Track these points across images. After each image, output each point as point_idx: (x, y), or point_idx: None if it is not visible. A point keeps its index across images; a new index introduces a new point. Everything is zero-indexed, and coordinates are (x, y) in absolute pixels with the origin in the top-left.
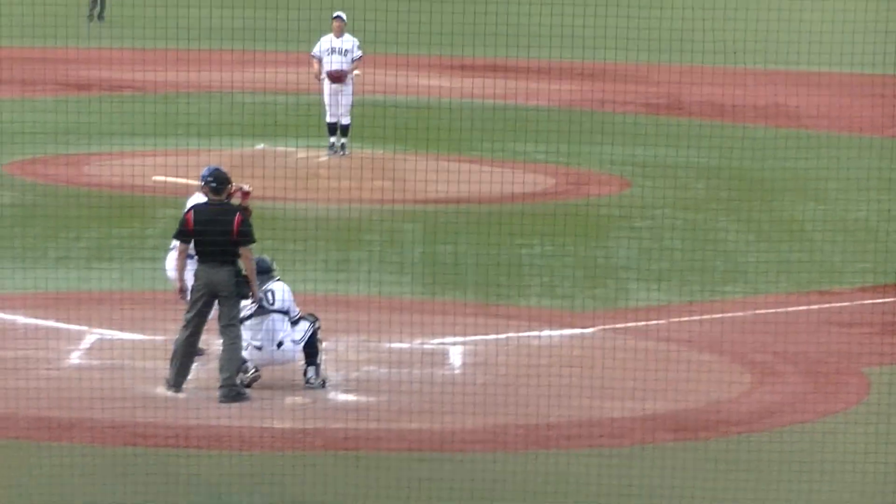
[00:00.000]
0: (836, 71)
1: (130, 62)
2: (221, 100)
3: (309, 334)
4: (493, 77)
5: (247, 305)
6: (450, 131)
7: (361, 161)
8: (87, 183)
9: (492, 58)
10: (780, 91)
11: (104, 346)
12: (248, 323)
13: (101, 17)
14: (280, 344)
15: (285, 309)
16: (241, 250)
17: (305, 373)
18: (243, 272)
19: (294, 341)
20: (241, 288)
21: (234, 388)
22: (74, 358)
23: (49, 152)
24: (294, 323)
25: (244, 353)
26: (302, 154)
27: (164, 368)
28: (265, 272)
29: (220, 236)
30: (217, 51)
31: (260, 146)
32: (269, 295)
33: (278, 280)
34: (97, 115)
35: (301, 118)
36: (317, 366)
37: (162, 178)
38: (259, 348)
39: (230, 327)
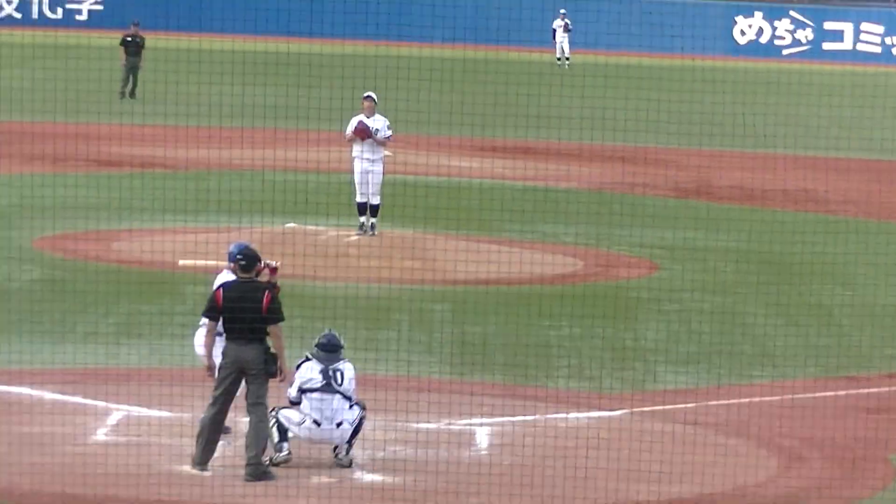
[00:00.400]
0: (865, 157)
1: (162, 139)
2: (252, 178)
3: (359, 420)
4: (524, 159)
5: (314, 379)
6: (479, 212)
7: (391, 241)
8: (117, 259)
9: (522, 139)
10: (809, 176)
11: (131, 422)
12: (313, 396)
13: (133, 94)
14: (339, 424)
15: (349, 395)
16: (271, 328)
17: (336, 447)
18: (272, 349)
19: (349, 422)
20: (270, 366)
21: (260, 467)
22: (101, 434)
23: (79, 228)
24: (350, 405)
25: (298, 428)
26: (332, 233)
27: (191, 446)
28: (335, 350)
29: (250, 314)
30: (248, 129)
31: (290, 224)
32: (339, 375)
33: (348, 361)
34: (128, 191)
35: (331, 197)
36: (350, 445)
37: (190, 262)
38: (318, 423)
39: (258, 405)
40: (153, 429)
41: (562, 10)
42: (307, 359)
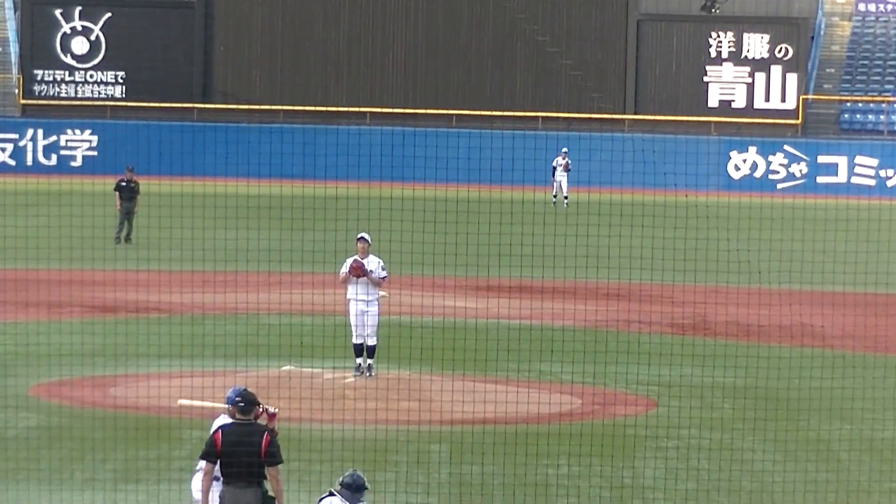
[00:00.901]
0: (861, 291)
1: (157, 284)
2: (247, 321)
3: None
4: (520, 297)
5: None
6: (476, 351)
7: (388, 382)
8: (114, 405)
9: (517, 279)
10: (806, 311)
11: None
12: None
13: (128, 239)
14: None
15: None
16: (269, 470)
17: None
18: (269, 493)
19: None
20: None
21: None
22: None
23: (75, 374)
24: None
25: None
26: (328, 375)
27: None
28: (357, 490)
29: (248, 457)
30: (243, 273)
31: (286, 368)
32: None
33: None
34: (123, 336)
35: (328, 339)
36: None
37: (187, 402)
38: None
39: None
40: None
41: (563, 150)
42: (330, 493)
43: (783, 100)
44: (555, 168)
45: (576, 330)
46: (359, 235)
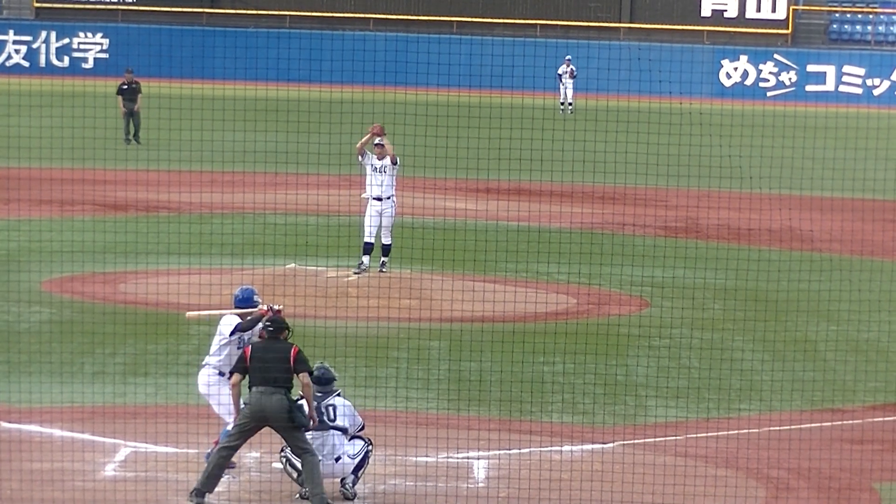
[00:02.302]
0: (848, 196)
1: (166, 184)
2: (254, 220)
3: (362, 454)
4: (517, 200)
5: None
6: (475, 252)
7: (390, 281)
8: (123, 300)
9: (516, 181)
10: (794, 215)
11: (138, 458)
12: (309, 435)
13: (137, 138)
14: (338, 458)
15: (345, 427)
16: (300, 376)
17: (343, 480)
18: (297, 400)
19: (350, 456)
20: (297, 416)
21: (323, 497)
22: (109, 470)
23: (86, 270)
24: (350, 438)
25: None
26: (332, 273)
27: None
28: (327, 383)
29: (277, 363)
30: (249, 173)
31: (291, 265)
32: (331, 410)
33: (339, 395)
34: (133, 234)
35: (332, 239)
36: (356, 477)
37: (195, 314)
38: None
39: (305, 452)
40: (160, 464)
41: (567, 57)
42: (301, 397)
43: (774, 10)
44: (560, 76)
45: (572, 232)
46: (376, 142)
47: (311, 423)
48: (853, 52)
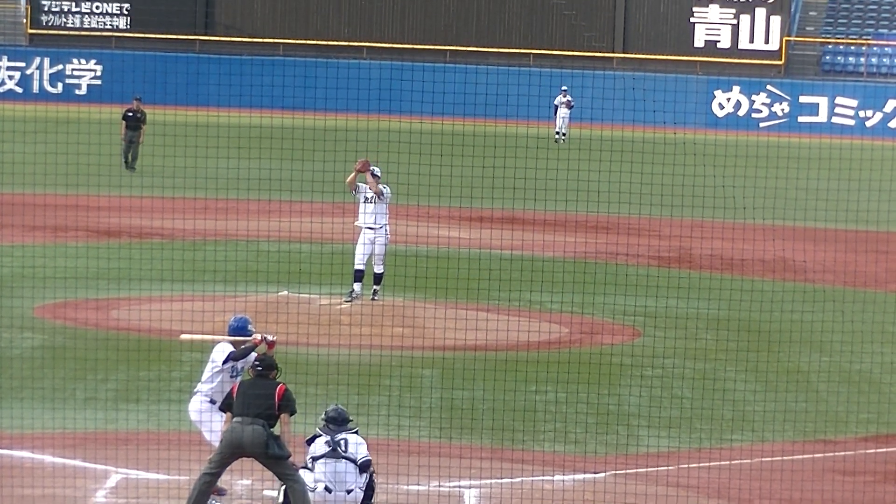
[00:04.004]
0: (841, 227)
1: (159, 210)
2: (247, 247)
3: (369, 479)
4: (510, 229)
5: (319, 450)
6: (467, 280)
7: (382, 308)
8: (115, 326)
9: (508, 210)
10: (787, 246)
11: (129, 485)
12: (320, 462)
13: (132, 167)
14: (349, 491)
15: (355, 459)
16: (282, 417)
17: None
18: (275, 433)
19: (360, 488)
20: (271, 447)
21: None
22: (100, 497)
23: (79, 296)
24: (362, 470)
25: (312, 494)
26: (324, 301)
27: None
28: (343, 423)
29: (262, 399)
30: (243, 200)
31: (283, 293)
32: (343, 443)
33: (354, 432)
34: (126, 260)
35: (324, 266)
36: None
37: (188, 337)
38: (329, 490)
39: (290, 478)
40: (151, 491)
41: (563, 88)
42: (317, 434)
43: (767, 41)
44: (557, 106)
45: (564, 261)
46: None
47: (289, 462)
48: (846, 83)
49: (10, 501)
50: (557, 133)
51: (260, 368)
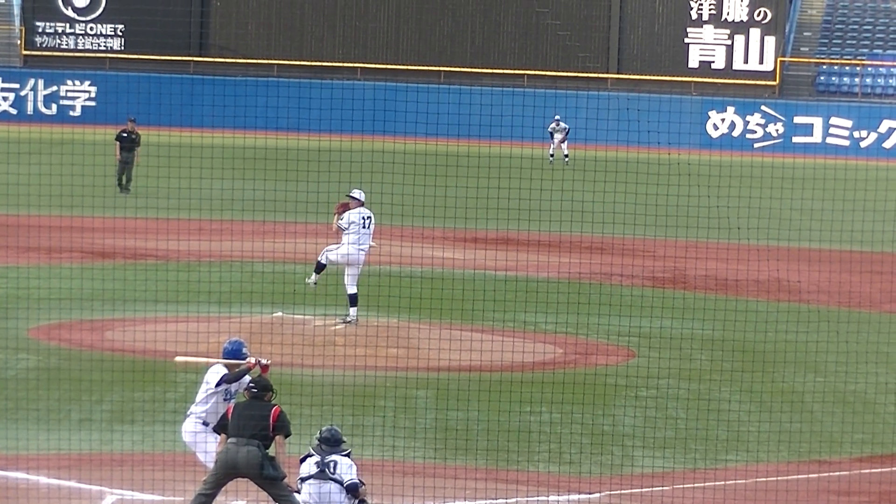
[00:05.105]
0: (836, 248)
1: (153, 231)
2: (241, 268)
3: (359, 502)
4: (504, 249)
5: (309, 471)
6: (462, 301)
7: (376, 329)
8: (110, 348)
9: (503, 231)
10: (781, 266)
11: None
12: (309, 482)
13: (127, 188)
14: None
15: (341, 481)
16: (277, 438)
17: None
18: (270, 454)
19: None
20: (266, 468)
21: None
22: None
23: (73, 317)
24: (349, 493)
25: None
26: (318, 322)
27: None
28: (336, 444)
29: (257, 421)
30: (237, 221)
31: (278, 314)
32: (332, 465)
33: (347, 454)
34: (120, 282)
35: (318, 287)
36: None
37: (183, 359)
38: None
39: (286, 500)
40: None
41: (556, 117)
42: (309, 454)
43: (761, 62)
44: (551, 133)
45: (559, 282)
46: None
47: (284, 483)
48: (840, 103)
49: None
50: (552, 156)
51: (255, 390)
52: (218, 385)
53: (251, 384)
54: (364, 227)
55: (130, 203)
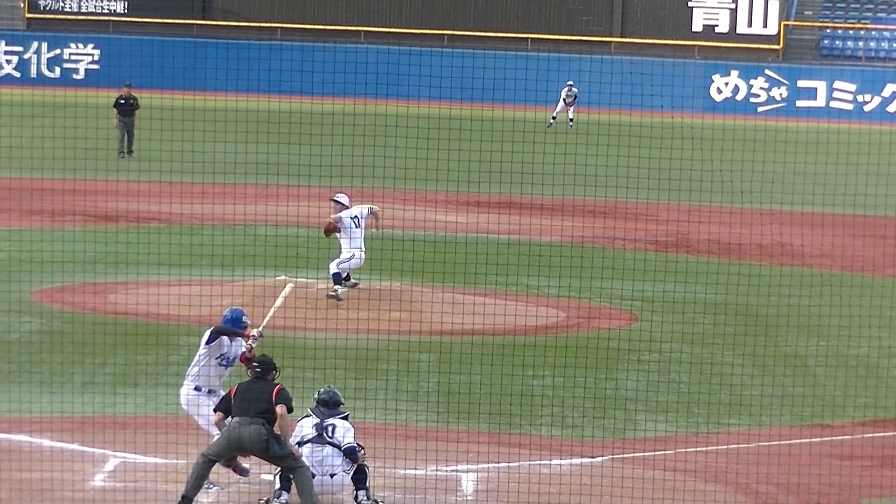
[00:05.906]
0: (839, 212)
1: (157, 195)
2: (244, 232)
3: (359, 465)
4: (507, 213)
5: (307, 433)
6: (464, 265)
7: (379, 293)
8: (113, 311)
9: (506, 195)
10: (784, 230)
11: (127, 468)
12: (306, 447)
13: (129, 152)
14: (333, 475)
15: (340, 445)
16: (278, 407)
17: (356, 497)
18: (275, 430)
19: (345, 471)
20: (272, 446)
21: None
22: (98, 480)
23: (76, 281)
24: (347, 456)
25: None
26: (321, 285)
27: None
28: (334, 406)
29: (260, 400)
30: (241, 185)
31: (281, 277)
32: (330, 429)
33: (345, 417)
34: (123, 245)
35: (322, 251)
36: (366, 489)
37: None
38: (313, 475)
39: (296, 469)
40: (149, 475)
41: (569, 82)
42: (307, 415)
43: (765, 25)
44: (565, 100)
45: (562, 245)
46: (335, 197)
47: (292, 457)
48: (844, 67)
49: (9, 485)
50: (553, 118)
51: (259, 370)
52: (210, 341)
53: (255, 364)
54: (357, 227)
55: (133, 166)
